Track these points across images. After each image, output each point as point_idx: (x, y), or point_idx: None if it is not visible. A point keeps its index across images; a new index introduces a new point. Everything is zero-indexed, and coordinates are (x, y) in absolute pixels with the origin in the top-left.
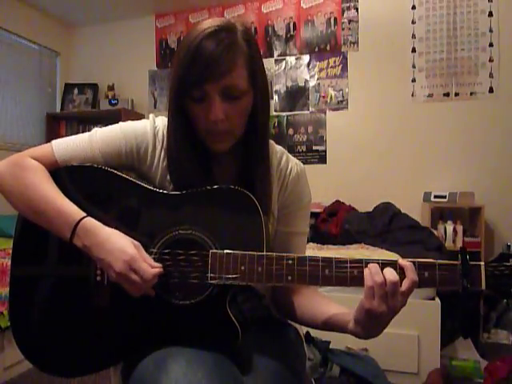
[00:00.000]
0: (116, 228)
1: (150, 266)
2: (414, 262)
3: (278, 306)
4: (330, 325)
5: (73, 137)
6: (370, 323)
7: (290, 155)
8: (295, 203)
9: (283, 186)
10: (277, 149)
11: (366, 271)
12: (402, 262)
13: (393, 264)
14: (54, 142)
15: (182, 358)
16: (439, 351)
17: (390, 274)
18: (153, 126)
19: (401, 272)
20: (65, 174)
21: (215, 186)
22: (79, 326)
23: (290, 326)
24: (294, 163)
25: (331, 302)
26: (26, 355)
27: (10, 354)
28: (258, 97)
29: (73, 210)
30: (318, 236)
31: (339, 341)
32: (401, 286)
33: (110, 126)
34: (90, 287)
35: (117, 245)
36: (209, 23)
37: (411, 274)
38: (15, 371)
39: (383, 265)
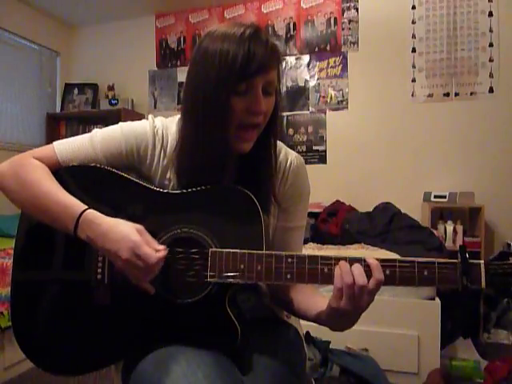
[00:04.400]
0: None
1: (154, 251)
2: (413, 262)
3: (273, 297)
4: (314, 319)
5: (74, 137)
6: (338, 319)
7: (288, 149)
8: (295, 196)
9: (283, 180)
10: None
11: (336, 271)
12: (369, 260)
13: (360, 261)
14: (55, 142)
15: (182, 358)
16: (439, 351)
17: (359, 275)
18: (152, 125)
19: (367, 270)
20: (67, 174)
21: (215, 185)
22: (80, 325)
23: (290, 325)
24: (293, 156)
25: (316, 294)
26: (27, 354)
27: (10, 354)
28: (277, 98)
29: (75, 203)
30: (318, 236)
31: (339, 341)
32: (368, 284)
33: (110, 127)
34: (90, 286)
35: (121, 233)
36: (236, 26)
37: (377, 273)
38: (15, 371)
39: (350, 261)
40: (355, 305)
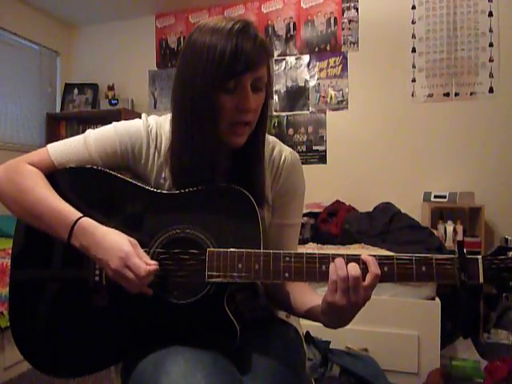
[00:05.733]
0: (114, 228)
1: (144, 263)
2: (411, 258)
3: (269, 296)
4: (308, 315)
5: (67, 139)
6: (333, 315)
7: (283, 145)
8: (289, 193)
9: (276, 176)
10: (269, 139)
11: (331, 266)
12: (365, 256)
13: (356, 259)
14: (49, 145)
15: (181, 358)
16: (439, 351)
17: (353, 268)
18: (146, 124)
19: (364, 267)
20: (62, 177)
21: (212, 185)
22: (78, 327)
23: (289, 325)
24: (287, 152)
25: (311, 292)
26: (26, 356)
27: (10, 354)
28: (268, 93)
29: (69, 211)
30: (318, 236)
31: (339, 341)
32: (364, 280)
33: (103, 127)
34: (88, 287)
35: (113, 243)
36: (226, 20)
37: (373, 268)
38: (15, 371)
39: (348, 259)
40: (350, 299)
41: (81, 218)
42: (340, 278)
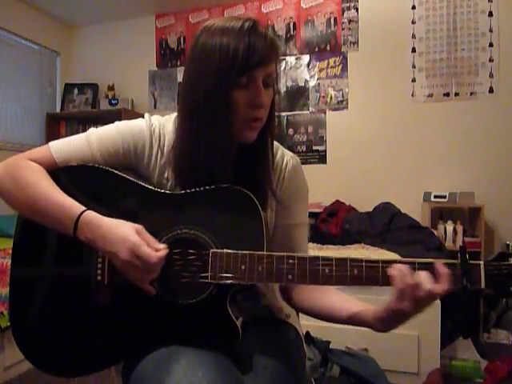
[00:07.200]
0: None
1: (153, 250)
2: (412, 263)
3: (288, 298)
4: (352, 321)
5: (69, 137)
6: (394, 320)
7: (284, 149)
8: (293, 196)
9: (280, 180)
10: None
11: (394, 273)
12: (440, 267)
13: (429, 267)
14: (50, 143)
15: (183, 358)
16: (439, 351)
17: (426, 279)
18: (149, 124)
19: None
20: (64, 174)
21: (215, 186)
22: (79, 326)
23: (290, 325)
24: (289, 157)
25: (350, 298)
26: (26, 355)
27: (10, 354)
28: (274, 92)
29: (73, 205)
30: (318, 236)
31: (339, 341)
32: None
33: (106, 126)
34: (90, 287)
35: (119, 234)
36: (234, 20)
37: (445, 282)
38: (15, 371)
39: (419, 266)
40: (417, 307)
41: (85, 210)
42: (409, 285)
